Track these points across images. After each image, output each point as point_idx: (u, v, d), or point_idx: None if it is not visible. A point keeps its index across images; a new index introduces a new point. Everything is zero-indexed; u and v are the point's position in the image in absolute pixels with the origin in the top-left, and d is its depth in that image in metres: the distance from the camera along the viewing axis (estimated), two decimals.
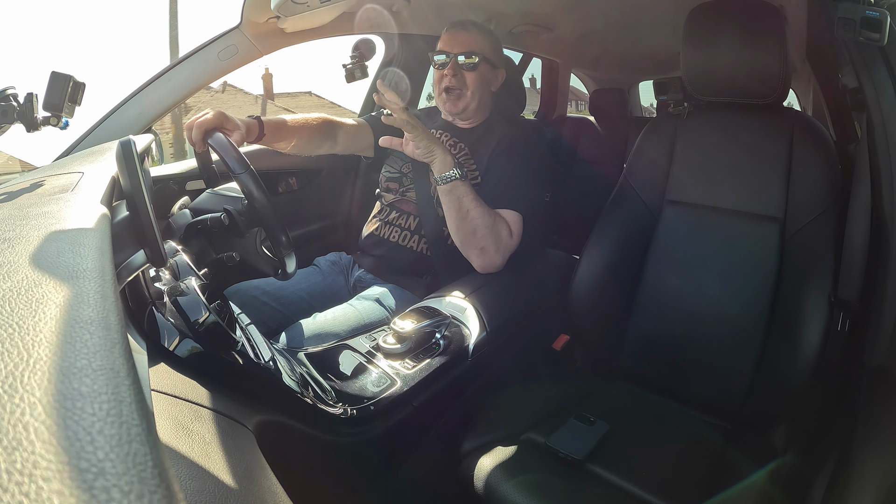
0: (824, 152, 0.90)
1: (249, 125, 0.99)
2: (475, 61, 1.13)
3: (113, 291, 0.29)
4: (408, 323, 0.88)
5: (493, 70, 1.19)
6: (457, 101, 1.16)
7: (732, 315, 0.93)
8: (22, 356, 0.22)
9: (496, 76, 1.21)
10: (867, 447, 0.61)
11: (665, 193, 1.04)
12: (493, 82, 1.21)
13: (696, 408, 0.95)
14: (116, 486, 0.16)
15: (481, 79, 1.16)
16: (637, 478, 0.76)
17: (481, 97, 1.18)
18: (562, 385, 1.00)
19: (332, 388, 0.76)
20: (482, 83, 1.17)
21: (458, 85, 1.15)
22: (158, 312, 0.59)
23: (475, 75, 1.15)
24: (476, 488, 0.77)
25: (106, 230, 0.41)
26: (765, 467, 0.77)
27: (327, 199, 1.58)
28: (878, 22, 0.67)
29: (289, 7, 1.06)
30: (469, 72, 1.14)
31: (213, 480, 0.41)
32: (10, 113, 0.79)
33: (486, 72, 1.17)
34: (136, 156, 0.52)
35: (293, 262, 0.82)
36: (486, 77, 1.18)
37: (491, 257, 1.06)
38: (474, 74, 1.15)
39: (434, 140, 1.05)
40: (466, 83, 1.15)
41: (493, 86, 1.21)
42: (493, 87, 1.21)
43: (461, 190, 1.04)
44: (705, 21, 0.93)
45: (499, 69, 1.21)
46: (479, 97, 1.17)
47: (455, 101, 1.16)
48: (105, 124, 1.13)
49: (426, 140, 1.03)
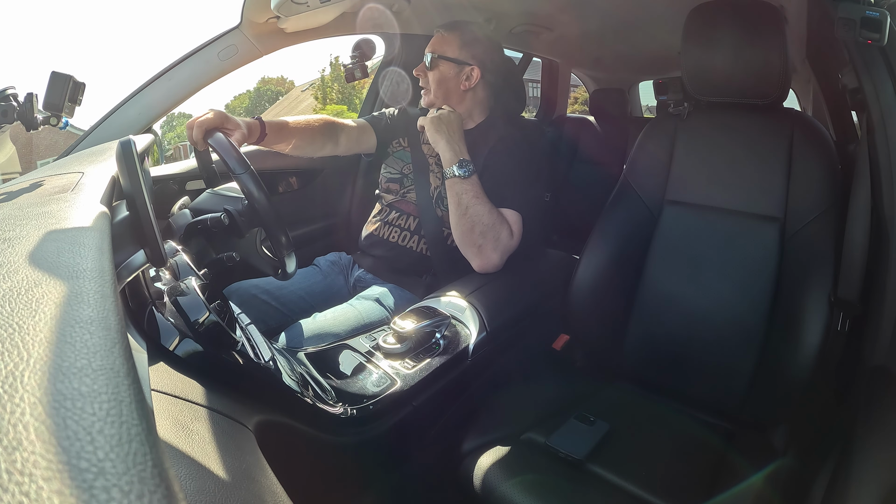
0: (824, 152, 0.90)
1: (251, 126, 0.99)
2: (430, 62, 1.19)
3: (113, 291, 0.29)
4: (408, 323, 0.88)
5: (458, 67, 1.18)
6: (425, 96, 1.23)
7: (732, 315, 0.93)
8: (22, 356, 0.22)
9: (463, 73, 1.18)
10: (867, 447, 0.61)
11: (665, 193, 1.04)
12: (459, 80, 1.19)
13: (696, 408, 0.95)
14: (116, 486, 0.16)
15: (439, 77, 1.19)
16: (637, 478, 0.76)
17: (445, 95, 1.19)
18: (562, 385, 1.00)
19: (333, 388, 0.76)
20: (441, 81, 1.19)
21: (424, 84, 1.22)
22: (158, 312, 0.59)
23: (433, 74, 1.19)
24: (476, 488, 0.77)
25: (106, 230, 0.41)
26: (765, 468, 0.77)
27: (327, 199, 1.58)
28: (878, 22, 0.67)
29: (289, 7, 1.06)
30: (430, 71, 1.20)
31: (213, 480, 0.41)
32: (10, 113, 0.79)
33: (446, 70, 1.18)
34: (136, 156, 0.52)
35: (293, 262, 0.82)
36: (445, 75, 1.18)
37: (489, 256, 1.06)
38: (433, 73, 1.19)
39: (442, 134, 1.10)
40: (429, 81, 1.20)
41: (461, 83, 1.19)
42: (462, 86, 1.19)
43: (460, 187, 1.07)
44: (705, 21, 0.93)
45: (468, 66, 1.18)
46: (442, 94, 1.19)
47: (424, 97, 1.23)
48: (105, 124, 1.13)
49: (434, 132, 1.11)
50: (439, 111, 1.15)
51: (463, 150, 1.10)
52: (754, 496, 0.72)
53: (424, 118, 1.15)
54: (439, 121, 1.12)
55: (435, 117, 1.13)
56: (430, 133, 1.12)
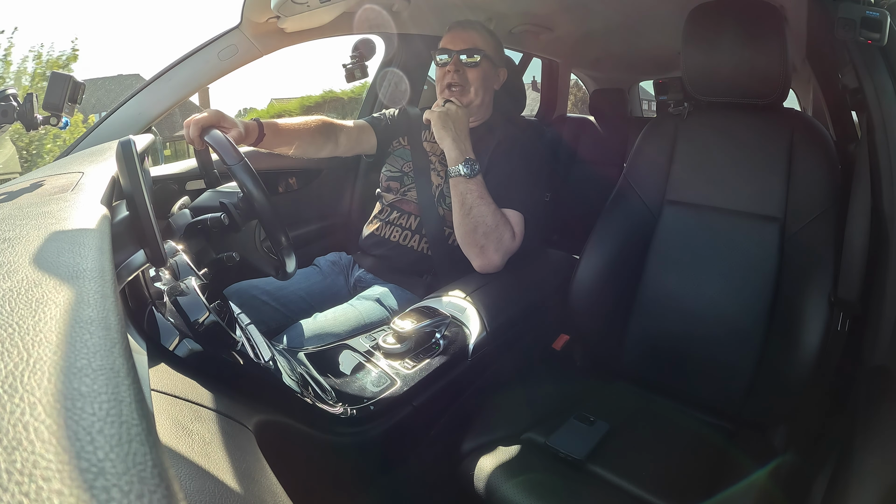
0: (824, 152, 0.90)
1: (249, 127, 0.99)
2: (477, 59, 1.15)
3: (113, 291, 0.29)
4: (408, 323, 0.88)
5: (495, 68, 1.20)
6: (461, 96, 1.16)
7: (732, 315, 0.93)
8: (22, 356, 0.22)
9: (497, 75, 1.21)
10: (867, 447, 0.61)
11: (665, 193, 1.04)
12: (496, 81, 1.21)
13: (696, 408, 0.95)
14: (116, 486, 0.16)
15: (483, 76, 1.17)
16: (637, 478, 0.76)
17: (484, 94, 1.18)
18: (562, 385, 1.00)
19: (332, 388, 0.76)
20: (484, 80, 1.17)
21: (461, 81, 1.16)
22: (158, 312, 0.59)
23: (477, 72, 1.16)
24: (476, 488, 0.77)
25: (106, 230, 0.41)
26: (765, 467, 0.77)
27: (327, 199, 1.58)
28: (878, 22, 0.67)
29: (289, 7, 1.06)
30: (471, 69, 1.15)
31: (213, 480, 0.41)
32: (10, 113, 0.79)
33: (488, 69, 1.18)
34: (136, 156, 0.52)
35: (293, 262, 0.81)
36: (488, 74, 1.18)
37: (490, 257, 1.06)
38: (476, 71, 1.16)
39: (448, 130, 1.07)
40: (469, 80, 1.16)
41: (495, 84, 1.21)
42: (495, 86, 1.22)
43: (464, 187, 1.06)
44: (705, 21, 0.93)
45: (500, 68, 1.21)
46: (482, 94, 1.17)
47: (459, 97, 1.16)
48: (105, 124, 1.13)
49: (440, 128, 1.07)
50: (447, 105, 1.10)
51: (468, 148, 1.09)
52: (754, 496, 0.72)
53: (430, 111, 1.11)
54: (446, 116, 1.08)
55: (442, 112, 1.09)
56: (437, 129, 1.08)
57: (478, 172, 1.07)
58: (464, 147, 1.08)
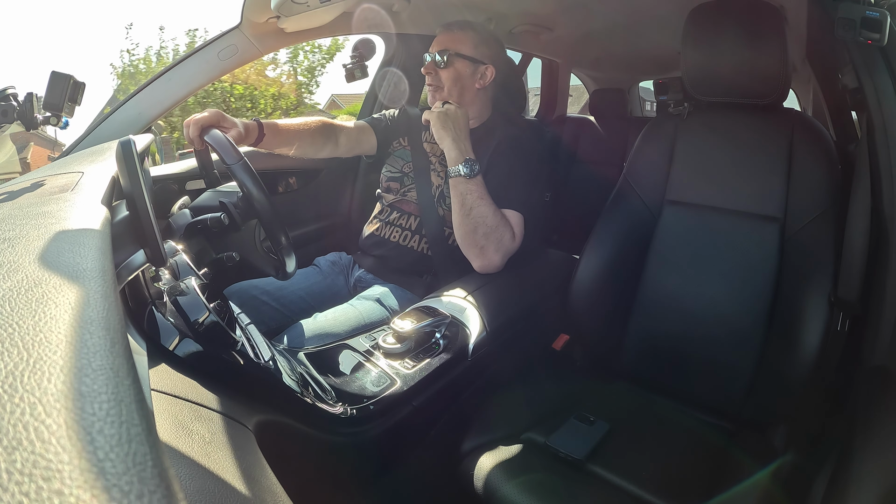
0: (824, 152, 0.90)
1: (249, 127, 0.99)
2: (445, 59, 1.16)
3: (113, 291, 0.29)
4: (408, 323, 0.88)
5: (473, 66, 1.17)
6: (435, 95, 1.19)
7: (732, 315, 0.93)
8: (22, 356, 0.22)
9: (478, 72, 1.18)
10: (867, 447, 0.61)
11: (665, 193, 1.04)
12: (475, 80, 1.18)
13: (697, 408, 0.95)
14: (116, 486, 0.16)
15: (455, 76, 1.17)
16: (637, 478, 0.76)
17: (460, 93, 1.18)
18: (562, 385, 1.00)
19: (332, 388, 0.76)
20: (457, 80, 1.17)
21: (435, 82, 1.18)
22: (158, 312, 0.60)
23: (448, 72, 1.17)
24: (476, 488, 0.77)
25: (106, 230, 0.41)
26: (765, 467, 0.77)
27: (327, 199, 1.58)
28: (878, 22, 0.67)
29: (289, 7, 1.06)
30: (442, 70, 1.17)
31: (213, 480, 0.41)
32: (10, 113, 0.79)
33: (462, 69, 1.16)
34: (136, 156, 0.52)
35: (293, 262, 0.81)
36: (462, 74, 1.17)
37: (490, 258, 1.06)
38: (447, 71, 1.17)
39: (448, 131, 1.07)
40: (441, 80, 1.17)
41: (476, 83, 1.18)
42: (477, 84, 1.19)
43: (465, 187, 1.05)
44: (705, 21, 0.93)
45: (483, 65, 1.18)
46: (456, 93, 1.17)
47: (433, 95, 1.19)
48: (105, 124, 1.13)
49: (440, 129, 1.07)
50: (445, 106, 1.10)
51: (468, 148, 1.08)
52: (754, 496, 0.72)
53: (430, 112, 1.11)
54: (445, 116, 1.08)
55: (441, 112, 1.09)
56: (436, 129, 1.08)
57: (478, 173, 1.07)
58: (463, 147, 1.07)
